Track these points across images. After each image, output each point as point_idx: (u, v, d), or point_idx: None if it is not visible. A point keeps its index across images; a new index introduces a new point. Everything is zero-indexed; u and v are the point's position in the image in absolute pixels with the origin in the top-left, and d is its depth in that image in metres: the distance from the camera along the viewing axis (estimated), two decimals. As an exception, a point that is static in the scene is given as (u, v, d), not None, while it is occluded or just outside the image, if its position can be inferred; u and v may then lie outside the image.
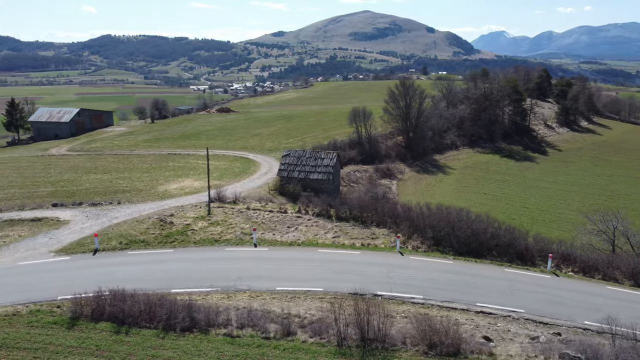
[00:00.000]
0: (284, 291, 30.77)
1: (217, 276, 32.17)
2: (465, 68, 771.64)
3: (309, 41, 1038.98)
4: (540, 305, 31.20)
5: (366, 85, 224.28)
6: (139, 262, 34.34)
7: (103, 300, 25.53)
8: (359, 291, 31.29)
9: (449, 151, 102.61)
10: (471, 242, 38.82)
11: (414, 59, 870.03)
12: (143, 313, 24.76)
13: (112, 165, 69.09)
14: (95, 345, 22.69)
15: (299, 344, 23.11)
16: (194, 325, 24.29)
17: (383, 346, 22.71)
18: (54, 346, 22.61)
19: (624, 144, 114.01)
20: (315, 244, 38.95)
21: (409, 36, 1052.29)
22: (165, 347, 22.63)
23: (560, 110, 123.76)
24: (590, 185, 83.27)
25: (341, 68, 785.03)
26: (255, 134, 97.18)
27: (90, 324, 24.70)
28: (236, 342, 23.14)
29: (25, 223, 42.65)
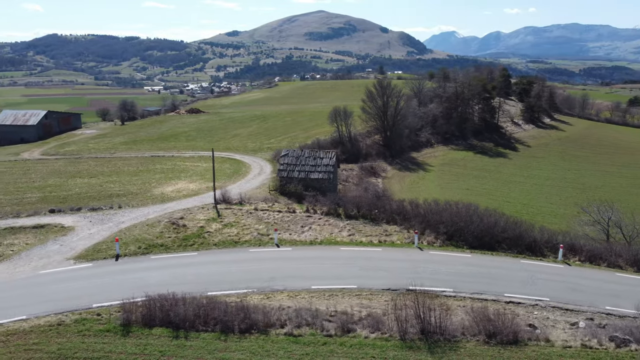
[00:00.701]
0: (319, 290, 31.01)
1: (250, 277, 32.06)
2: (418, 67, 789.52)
3: (264, 41, 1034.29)
4: (561, 293, 32.69)
5: (331, 85, 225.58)
6: (165, 266, 33.73)
7: (153, 305, 25.03)
8: (391, 287, 32.09)
9: (425, 149, 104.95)
10: (484, 236, 40.15)
11: (369, 58, 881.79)
12: (197, 316, 24.48)
13: (97, 169, 66.97)
14: (159, 351, 22.31)
15: (363, 340, 23.49)
16: (252, 327, 24.24)
17: (445, 337, 23.43)
18: (115, 354, 22.08)
19: (585, 139, 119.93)
20: (334, 242, 39.32)
21: (363, 36, 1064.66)
22: (231, 349, 22.52)
23: (525, 107, 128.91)
24: (562, 179, 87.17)
25: (298, 68, 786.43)
26: (234, 135, 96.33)
27: (144, 330, 24.23)
28: (300, 341, 23.28)
29: (28, 230, 40.99)
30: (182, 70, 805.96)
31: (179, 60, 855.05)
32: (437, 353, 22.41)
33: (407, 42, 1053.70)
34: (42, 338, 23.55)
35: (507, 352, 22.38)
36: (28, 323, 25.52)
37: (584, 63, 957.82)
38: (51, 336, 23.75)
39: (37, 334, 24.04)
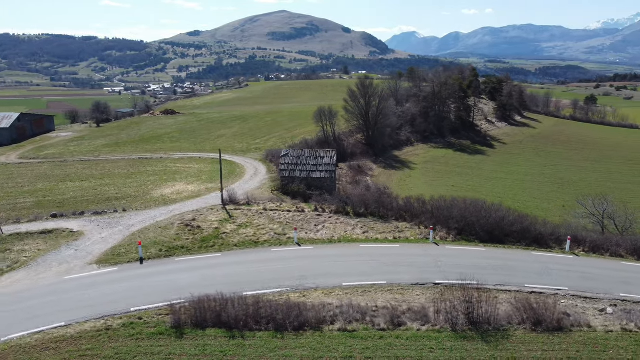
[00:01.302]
0: (351, 286, 31.49)
1: (280, 276, 32.25)
2: (382, 67, 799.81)
3: (227, 41, 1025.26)
4: (576, 282, 34.23)
5: (303, 85, 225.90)
6: (192, 268, 33.48)
7: (202, 306, 24.95)
8: (419, 281, 32.93)
9: (406, 147, 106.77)
10: (494, 230, 41.53)
11: (332, 58, 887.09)
12: (249, 316, 24.57)
13: (86, 172, 65.28)
14: (220, 352, 22.32)
15: (416, 333, 24.15)
16: (304, 324, 24.51)
17: (493, 327, 24.34)
18: (176, 356, 21.97)
19: (555, 136, 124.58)
20: (351, 240, 39.86)
21: (326, 36, 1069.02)
22: (291, 347, 22.76)
23: (498, 106, 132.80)
24: (540, 175, 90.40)
25: (261, 68, 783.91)
26: (219, 136, 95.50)
27: (197, 332, 24.16)
28: (357, 336, 23.73)
29: (36, 236, 39.82)
30: (142, 70, 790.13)
31: (140, 60, 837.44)
32: (491, 342, 23.29)
33: (370, 42, 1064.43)
34: (94, 343, 23.16)
35: (556, 339, 23.48)
36: (72, 329, 25.00)
37: (539, 63, 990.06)
38: (103, 341, 23.38)
39: (87, 340, 23.61)
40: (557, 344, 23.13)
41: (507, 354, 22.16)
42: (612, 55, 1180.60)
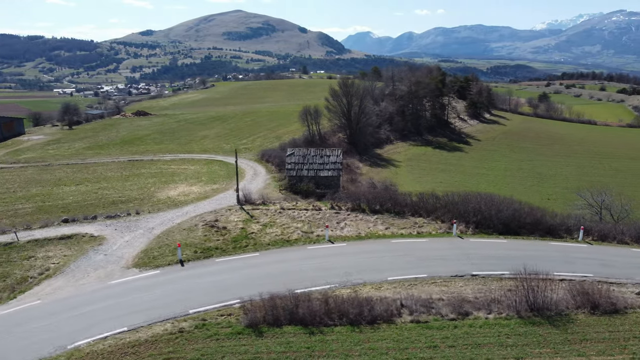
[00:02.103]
0: (396, 280, 32.22)
1: (324, 273, 32.60)
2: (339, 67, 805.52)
3: (181, 40, 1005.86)
4: (598, 269, 36.15)
5: (271, 85, 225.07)
6: (235, 268, 33.34)
7: (274, 304, 25.07)
8: (458, 273, 34.06)
9: (386, 145, 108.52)
10: (510, 222, 43.24)
11: (289, 58, 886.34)
12: (322, 312, 24.88)
13: (78, 176, 63.22)
14: (307, 348, 22.55)
15: (486, 321, 25.11)
16: (377, 318, 25.05)
17: (555, 312, 25.63)
18: (265, 354, 22.05)
19: (525, 132, 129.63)
20: (379, 235, 40.60)
21: (282, 36, 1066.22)
22: (374, 340, 23.25)
23: (468, 104, 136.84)
24: (519, 170, 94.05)
25: (218, 68, 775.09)
26: (203, 136, 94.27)
27: (275, 329, 24.26)
28: (432, 327, 24.48)
29: (56, 242, 38.57)
30: (93, 71, 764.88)
31: (90, 60, 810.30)
32: (559, 325, 24.55)
33: (326, 42, 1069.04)
34: (174, 346, 22.91)
35: (616, 320, 25.00)
36: (142, 333, 24.59)
37: (490, 62, 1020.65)
38: (182, 344, 23.14)
39: (164, 343, 23.32)
40: (619, 324, 24.64)
41: (579, 336, 23.46)
42: (557, 54, 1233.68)
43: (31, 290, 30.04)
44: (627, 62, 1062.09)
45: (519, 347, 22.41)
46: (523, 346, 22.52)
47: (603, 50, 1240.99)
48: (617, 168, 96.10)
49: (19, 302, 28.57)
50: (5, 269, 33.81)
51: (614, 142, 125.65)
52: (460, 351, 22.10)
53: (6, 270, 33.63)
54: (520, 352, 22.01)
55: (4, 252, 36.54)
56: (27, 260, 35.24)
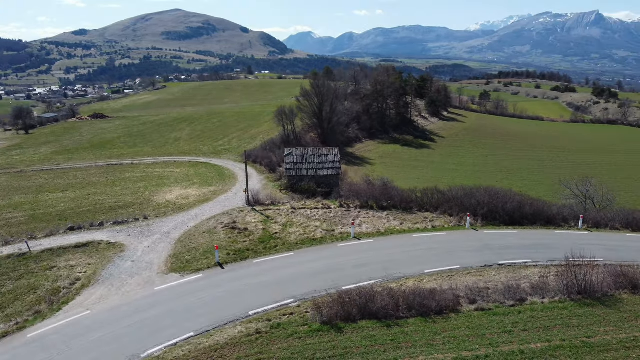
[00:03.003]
0: (433, 272, 33.29)
1: (365, 270, 33.13)
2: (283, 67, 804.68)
3: (118, 40, 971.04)
4: (605, 254, 38.68)
5: (225, 86, 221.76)
6: (275, 268, 33.26)
7: (345, 300, 25.43)
8: (486, 263, 35.63)
9: (356, 144, 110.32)
10: (514, 213, 45.50)
11: (232, 58, 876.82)
12: (391, 305, 25.49)
13: (60, 182, 60.35)
14: (391, 340, 23.07)
15: (544, 305, 26.57)
16: (444, 308, 25.95)
17: (601, 293, 27.51)
18: (354, 348, 22.38)
19: (483, 128, 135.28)
20: (399, 231, 41.60)
21: (224, 36, 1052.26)
22: (450, 328, 24.11)
23: (428, 102, 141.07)
24: (486, 165, 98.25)
25: (158, 68, 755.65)
26: (175, 138, 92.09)
27: (352, 325, 24.58)
28: (497, 313, 25.63)
29: (72, 250, 37.02)
30: (23, 73, 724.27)
31: (19, 61, 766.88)
32: (611, 306, 26.39)
33: (268, 42, 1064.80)
34: (259, 347, 22.80)
35: (659, 298, 27.25)
36: (218, 336, 24.28)
37: (428, 62, 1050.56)
38: (266, 344, 23.07)
39: (247, 344, 23.16)
40: (662, 301, 26.88)
41: (632, 314, 25.37)
42: (491, 54, 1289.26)
43: (74, 301, 28.76)
44: (554, 62, 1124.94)
45: (585, 327, 23.97)
46: (588, 326, 24.11)
47: (532, 50, 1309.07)
48: (574, 161, 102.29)
49: (67, 313, 27.32)
50: (29, 280, 32.14)
51: (564, 137, 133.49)
52: (534, 334, 23.37)
53: (31, 282, 31.98)
54: (588, 332, 23.55)
55: (20, 263, 34.67)
56: (49, 270, 33.61)
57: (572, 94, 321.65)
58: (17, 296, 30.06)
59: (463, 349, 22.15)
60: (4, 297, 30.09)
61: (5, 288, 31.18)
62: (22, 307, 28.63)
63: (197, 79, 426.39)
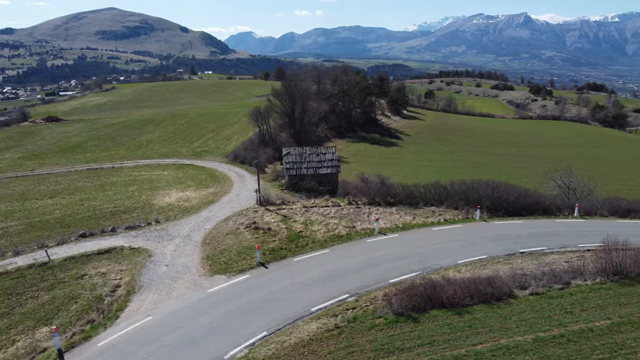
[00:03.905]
0: (467, 262, 34.85)
1: (403, 263, 34.29)
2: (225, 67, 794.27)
3: (49, 40, 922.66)
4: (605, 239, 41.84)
5: (179, 87, 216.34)
6: (316, 265, 33.62)
7: (413, 292, 26.27)
8: (509, 252, 37.60)
9: (326, 143, 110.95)
10: (515, 204, 48.00)
11: (172, 59, 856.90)
12: (455, 294, 26.59)
13: (43, 189, 57.36)
14: (469, 327, 24.15)
15: (588, 287, 28.55)
16: (502, 294, 27.34)
17: (635, 274, 29.85)
18: (439, 336, 23.26)
19: (443, 126, 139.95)
20: (418, 225, 42.96)
21: (163, 36, 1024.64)
22: (517, 312, 25.51)
23: (389, 101, 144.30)
24: (454, 161, 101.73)
25: (94, 69, 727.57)
26: (148, 141, 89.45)
27: (425, 314, 25.53)
28: (551, 296, 27.32)
29: (96, 257, 35.73)
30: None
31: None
32: (647, 285, 28.82)
33: (209, 42, 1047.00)
34: (347, 341, 23.25)
35: (684, 276, 29.90)
36: (299, 333, 24.51)
37: (369, 62, 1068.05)
38: (351, 337, 23.54)
39: (334, 339, 23.56)
40: (689, 279, 29.56)
41: (669, 291, 27.86)
42: (429, 54, 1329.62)
43: (128, 307, 27.91)
44: (487, 61, 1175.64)
45: (635, 304, 26.09)
46: (636, 303, 26.22)
47: (467, 50, 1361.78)
48: (533, 155, 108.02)
49: (127, 320, 26.51)
50: (64, 290, 30.79)
51: (518, 132, 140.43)
52: (593, 313, 25.19)
53: (66, 291, 30.65)
54: (638, 308, 25.65)
55: (46, 273, 33.07)
56: (80, 279, 32.30)
57: (511, 92, 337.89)
58: (59, 306, 28.76)
59: (537, 331, 23.56)
60: (44, 308, 28.71)
61: (41, 299, 29.72)
62: (70, 318, 27.46)
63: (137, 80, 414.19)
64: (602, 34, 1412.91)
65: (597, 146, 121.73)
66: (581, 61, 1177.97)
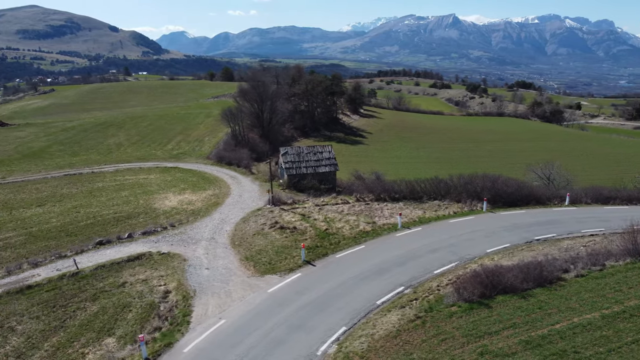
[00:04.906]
0: (495, 251, 36.76)
1: (438, 255, 35.66)
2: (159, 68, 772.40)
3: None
4: (599, 224, 44.74)
5: (126, 88, 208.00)
6: (359, 261, 34.27)
7: (477, 281, 27.52)
8: (527, 239, 39.88)
9: (293, 142, 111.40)
10: (512, 196, 50.71)
11: (102, 59, 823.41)
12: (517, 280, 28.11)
13: (25, 197, 53.94)
14: (539, 309, 25.63)
15: (622, 267, 30.93)
16: (554, 278, 29.19)
17: (656, 253, 32.72)
18: (517, 318, 24.60)
19: (402, 124, 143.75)
20: (434, 218, 44.50)
21: (91, 35, 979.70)
22: (573, 293, 27.32)
23: (347, 100, 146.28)
24: (419, 157, 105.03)
25: (17, 71, 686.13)
26: (117, 144, 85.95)
27: (493, 300, 26.75)
28: (595, 277, 29.38)
29: (127, 264, 34.68)
30: None
31: None
32: (672, 261, 31.70)
33: (141, 41, 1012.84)
34: (434, 329, 24.09)
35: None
36: (381, 326, 25.06)
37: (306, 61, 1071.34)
38: (437, 325, 24.42)
39: (420, 327, 24.37)
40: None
41: (693, 265, 30.83)
42: (363, 54, 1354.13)
43: (194, 312, 27.33)
44: (420, 60, 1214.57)
45: (671, 280, 28.75)
46: (671, 279, 28.92)
47: (400, 50, 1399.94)
48: (491, 150, 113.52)
49: (202, 325, 26.02)
50: (110, 299, 29.63)
51: (472, 129, 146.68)
52: (639, 289, 27.52)
53: (112, 300, 29.51)
54: (677, 283, 28.35)
55: (80, 283, 31.61)
56: (121, 287, 31.16)
57: (449, 90, 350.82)
58: (113, 316, 27.67)
59: (600, 308, 25.48)
60: (98, 318, 27.52)
61: (90, 309, 28.43)
62: (132, 327, 26.53)
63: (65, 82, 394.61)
64: (524, 34, 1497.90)
65: (545, 140, 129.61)
66: (506, 60, 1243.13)
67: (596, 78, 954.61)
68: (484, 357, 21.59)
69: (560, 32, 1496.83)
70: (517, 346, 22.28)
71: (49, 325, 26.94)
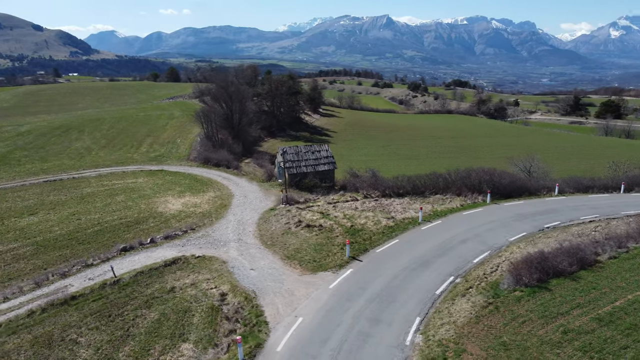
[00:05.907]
0: (517, 240, 38.79)
1: (470, 245, 37.23)
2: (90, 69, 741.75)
3: None
4: (591, 211, 48.22)
5: (70, 90, 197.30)
6: (398, 253, 35.20)
7: (531, 267, 29.18)
8: (538, 228, 42.33)
9: (263, 142, 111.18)
10: (508, 188, 53.48)
11: (26, 60, 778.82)
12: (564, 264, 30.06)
13: (10, 205, 50.51)
14: (593, 289, 27.63)
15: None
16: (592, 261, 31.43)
17: (667, 235, 35.87)
18: (579, 298, 26.40)
19: (362, 122, 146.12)
20: (448, 211, 46.19)
21: (12, 34, 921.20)
22: (615, 273, 29.61)
23: (308, 100, 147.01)
24: (387, 154, 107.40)
25: None
26: (85, 148, 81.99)
27: (548, 284, 28.47)
28: (625, 258, 31.91)
29: (165, 269, 33.90)
30: None
31: None
32: (684, 242, 34.84)
33: (69, 41, 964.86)
34: (510, 314, 25.50)
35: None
36: (456, 316, 26.16)
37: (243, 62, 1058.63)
38: (510, 310, 25.77)
39: (497, 313, 25.69)
40: None
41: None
42: (301, 54, 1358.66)
43: (266, 313, 27.25)
44: (356, 60, 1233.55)
45: (695, 259, 31.75)
46: (695, 258, 31.94)
47: (337, 50, 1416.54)
48: (454, 146, 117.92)
49: (281, 324, 26.07)
50: (166, 305, 28.90)
51: (427, 126, 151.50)
52: (668, 267, 30.28)
53: (169, 306, 28.81)
54: (699, 260, 31.34)
55: (126, 291, 30.52)
56: (171, 292, 30.41)
57: (391, 89, 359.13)
58: (179, 321, 27.03)
59: (645, 286, 27.84)
60: (162, 325, 26.77)
61: (149, 317, 27.56)
62: (204, 330, 26.09)
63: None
64: (454, 35, 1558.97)
65: (500, 135, 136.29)
66: (438, 60, 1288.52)
67: (521, 77, 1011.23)
68: (568, 335, 23.12)
69: (487, 32, 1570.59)
70: (592, 323, 24.00)
71: (113, 335, 25.92)
